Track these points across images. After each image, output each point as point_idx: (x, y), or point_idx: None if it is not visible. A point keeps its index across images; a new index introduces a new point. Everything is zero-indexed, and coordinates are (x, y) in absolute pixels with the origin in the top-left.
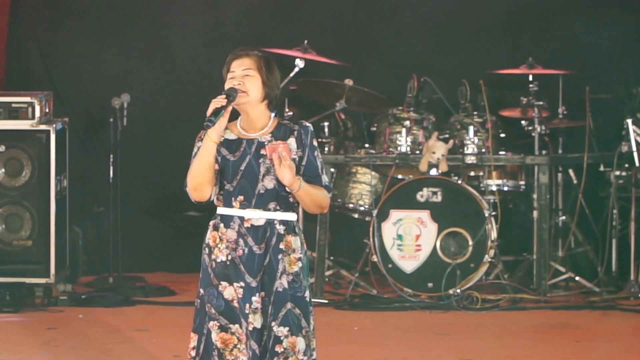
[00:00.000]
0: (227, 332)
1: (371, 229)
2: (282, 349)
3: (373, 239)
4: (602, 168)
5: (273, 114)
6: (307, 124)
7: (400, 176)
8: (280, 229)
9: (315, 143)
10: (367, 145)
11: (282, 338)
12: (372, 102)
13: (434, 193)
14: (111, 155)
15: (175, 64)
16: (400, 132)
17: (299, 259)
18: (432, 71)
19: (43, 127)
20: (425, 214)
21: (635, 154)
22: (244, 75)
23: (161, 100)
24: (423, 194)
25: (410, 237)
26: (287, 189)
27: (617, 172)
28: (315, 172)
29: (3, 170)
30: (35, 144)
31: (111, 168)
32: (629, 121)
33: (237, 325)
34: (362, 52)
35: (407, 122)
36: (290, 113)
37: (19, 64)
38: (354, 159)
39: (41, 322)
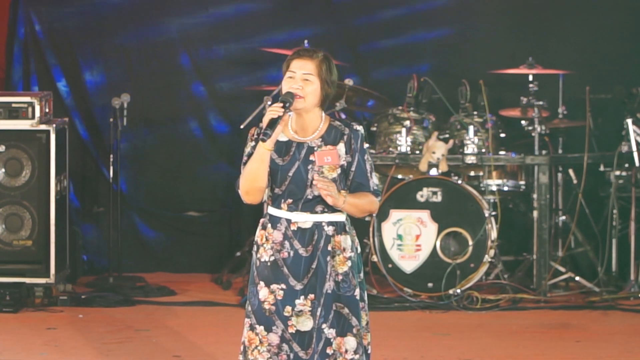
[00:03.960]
0: (253, 332)
1: (371, 229)
2: (332, 351)
3: (373, 239)
4: (602, 168)
5: (324, 114)
6: (358, 128)
7: (400, 176)
8: (329, 230)
9: (365, 146)
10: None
11: (332, 340)
12: (372, 102)
13: (434, 193)
14: (111, 155)
15: (175, 64)
16: (400, 132)
17: (349, 258)
18: (432, 71)
19: (43, 127)
20: (425, 214)
21: (635, 154)
22: (303, 80)
23: (161, 100)
24: (423, 194)
25: (410, 237)
26: None
27: (617, 172)
28: (365, 176)
29: (3, 170)
30: (35, 144)
31: (111, 168)
32: (629, 121)
33: (262, 327)
34: (362, 52)
35: (407, 122)
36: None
37: (19, 64)
38: None
39: (41, 322)
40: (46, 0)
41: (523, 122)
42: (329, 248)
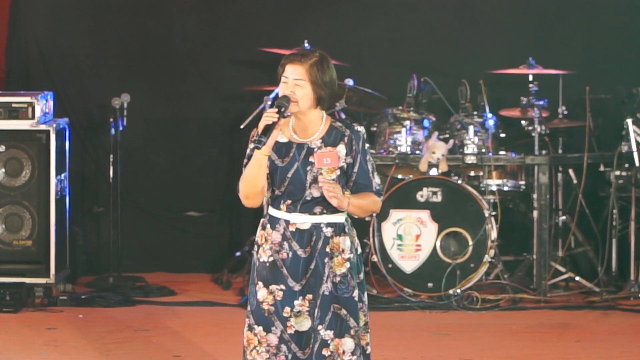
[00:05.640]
0: (251, 332)
1: (371, 229)
2: (329, 352)
3: (373, 239)
4: (602, 168)
5: (325, 115)
6: (359, 129)
7: (400, 176)
8: (328, 231)
9: (366, 147)
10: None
11: (329, 342)
12: (372, 102)
13: (434, 193)
14: (111, 155)
15: (175, 64)
16: (400, 132)
17: (348, 260)
18: (432, 71)
19: (43, 127)
20: (425, 214)
21: (635, 154)
22: (295, 85)
23: (161, 100)
24: (423, 194)
25: (410, 237)
26: None
27: (617, 172)
28: (367, 176)
29: (3, 170)
30: (35, 144)
31: (111, 168)
32: (629, 121)
33: (260, 328)
34: (362, 52)
35: (407, 122)
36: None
37: (19, 64)
38: None
39: (41, 322)
40: (46, 0)
41: (523, 122)
42: (327, 249)
